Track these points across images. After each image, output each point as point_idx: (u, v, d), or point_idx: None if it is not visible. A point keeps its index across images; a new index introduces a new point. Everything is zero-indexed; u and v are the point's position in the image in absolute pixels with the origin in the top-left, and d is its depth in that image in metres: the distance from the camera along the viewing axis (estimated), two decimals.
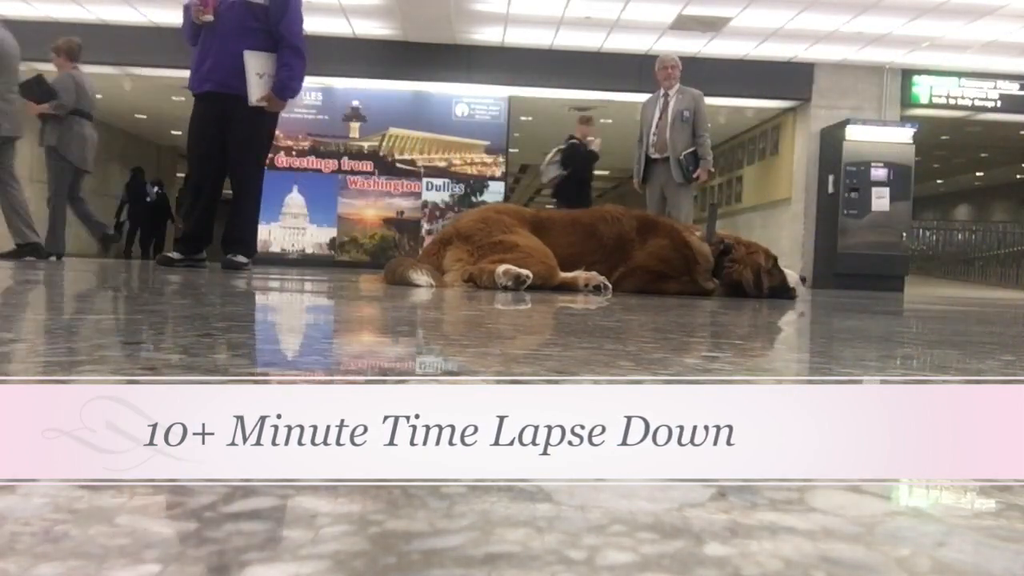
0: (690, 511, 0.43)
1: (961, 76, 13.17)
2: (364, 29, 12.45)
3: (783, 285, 4.43)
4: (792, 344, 1.95)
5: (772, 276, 4.42)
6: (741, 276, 4.31)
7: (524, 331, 1.77)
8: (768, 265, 4.43)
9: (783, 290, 4.42)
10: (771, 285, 4.37)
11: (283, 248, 13.22)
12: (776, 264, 4.50)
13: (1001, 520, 0.44)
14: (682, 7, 11.01)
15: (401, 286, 3.68)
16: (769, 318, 2.75)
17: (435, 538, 0.38)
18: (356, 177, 13.33)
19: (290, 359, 1.15)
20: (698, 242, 4.41)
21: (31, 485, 0.43)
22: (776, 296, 4.36)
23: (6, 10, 12.01)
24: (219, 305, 2.19)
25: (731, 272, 4.33)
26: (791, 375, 1.15)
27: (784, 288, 4.43)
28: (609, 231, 4.33)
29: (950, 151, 19.19)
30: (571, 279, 3.87)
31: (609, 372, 1.01)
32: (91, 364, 0.90)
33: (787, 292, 4.43)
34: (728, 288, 4.34)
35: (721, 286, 4.34)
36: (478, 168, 13.53)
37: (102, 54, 12.57)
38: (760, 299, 4.20)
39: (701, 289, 4.31)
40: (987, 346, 1.75)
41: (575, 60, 12.88)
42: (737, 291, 4.32)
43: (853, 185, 12.03)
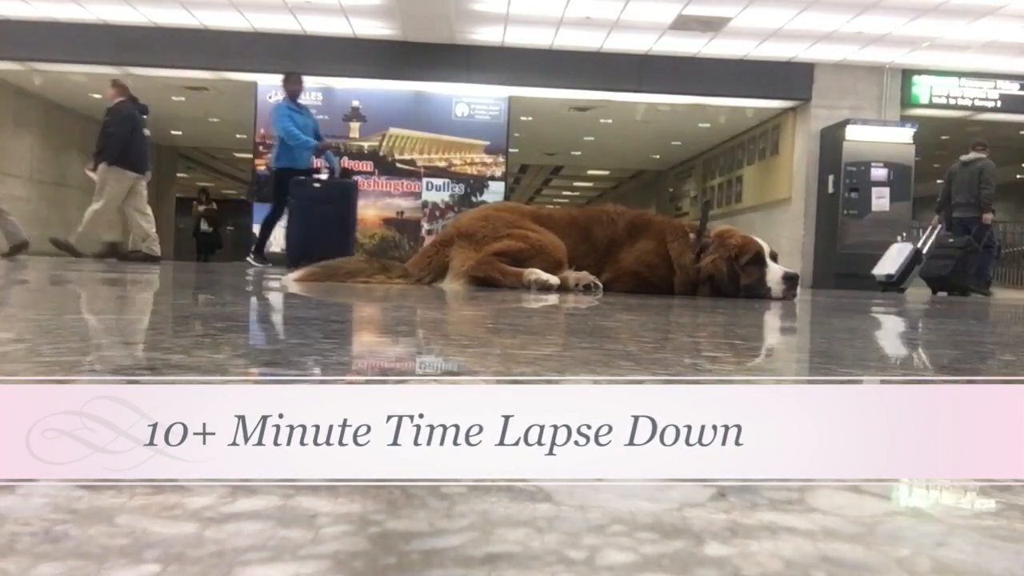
0: (690, 511, 0.43)
1: (961, 76, 13.17)
2: (364, 29, 12.44)
3: (759, 283, 3.98)
4: (792, 344, 1.95)
5: (747, 273, 4.00)
6: (714, 267, 3.98)
7: (524, 331, 1.77)
8: (743, 260, 4.01)
9: (755, 288, 3.97)
10: (746, 283, 3.97)
11: (283, 248, 13.22)
12: (757, 259, 4.03)
13: (1001, 520, 0.44)
14: (682, 7, 11.00)
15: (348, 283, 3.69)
16: (770, 319, 2.75)
17: (435, 538, 0.38)
18: (356, 177, 13.32)
19: (290, 359, 1.15)
20: (679, 251, 4.13)
21: (31, 485, 0.43)
22: (750, 296, 3.94)
23: (6, 10, 11.99)
24: (218, 305, 2.19)
25: (704, 266, 4.01)
26: (792, 375, 1.15)
27: (759, 286, 3.97)
28: (602, 232, 4.30)
29: (950, 151, 19.15)
30: (562, 279, 3.88)
31: (609, 372, 1.01)
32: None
33: (760, 290, 3.96)
34: (703, 285, 4.02)
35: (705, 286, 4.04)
36: (478, 168, 13.53)
37: (102, 54, 12.58)
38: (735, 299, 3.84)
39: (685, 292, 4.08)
40: (987, 346, 1.75)
41: (575, 60, 12.87)
42: (711, 289, 3.99)
43: (853, 185, 12.03)
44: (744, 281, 4.00)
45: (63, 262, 7.29)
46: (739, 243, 4.10)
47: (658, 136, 16.97)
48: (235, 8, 11.73)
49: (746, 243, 4.11)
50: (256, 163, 13.57)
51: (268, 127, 13.28)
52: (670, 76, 13.02)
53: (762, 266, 4.05)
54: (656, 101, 13.87)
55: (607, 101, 13.97)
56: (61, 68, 13.15)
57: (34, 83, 14.17)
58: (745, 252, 4.05)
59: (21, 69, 13.40)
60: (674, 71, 12.98)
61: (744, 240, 4.14)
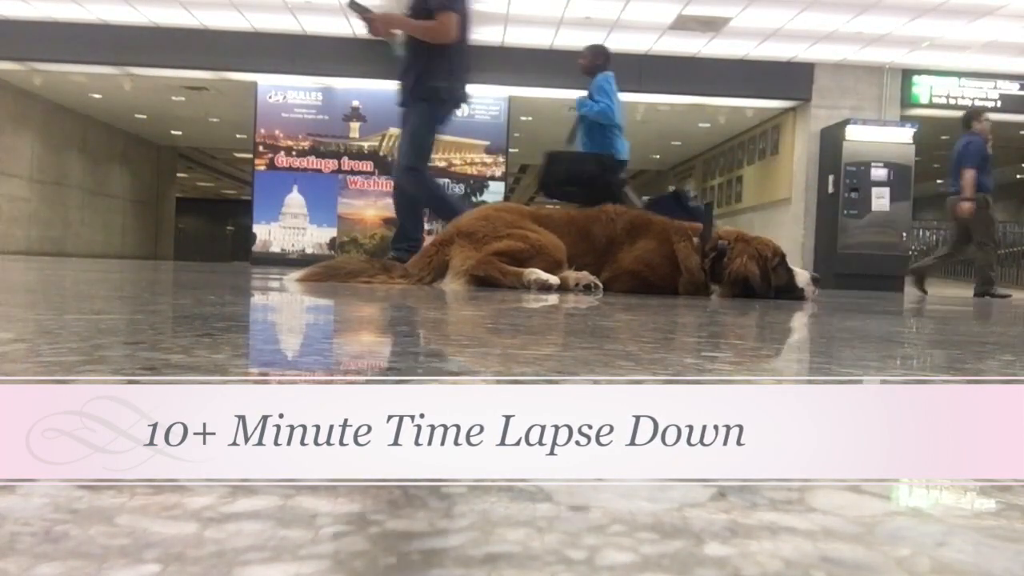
0: (690, 511, 0.43)
1: (961, 76, 13.17)
2: (364, 29, 12.44)
3: (790, 284, 4.14)
4: (792, 344, 1.95)
5: (778, 274, 4.14)
6: (747, 269, 4.04)
7: (524, 331, 1.77)
8: (774, 262, 4.14)
9: (789, 290, 4.12)
10: (776, 284, 4.09)
11: (283, 248, 13.24)
12: (783, 261, 4.20)
13: (1001, 520, 0.44)
14: (682, 7, 11.00)
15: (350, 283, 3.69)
16: (769, 319, 2.75)
17: (435, 538, 0.38)
18: (356, 177, 13.34)
19: (291, 359, 1.15)
20: (686, 251, 4.17)
21: (31, 485, 0.43)
22: (782, 296, 4.08)
23: (6, 10, 11.99)
24: (219, 305, 2.19)
25: (735, 268, 4.06)
26: (792, 375, 1.15)
27: (791, 288, 4.13)
28: (602, 232, 4.31)
29: (950, 151, 19.18)
30: (562, 279, 3.88)
31: (609, 372, 1.01)
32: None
33: (794, 292, 4.12)
34: (733, 287, 4.07)
35: (725, 285, 4.09)
36: (478, 168, 13.54)
37: (102, 54, 12.58)
38: (767, 299, 3.96)
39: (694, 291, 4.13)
40: (987, 346, 1.75)
41: (575, 60, 12.86)
42: (743, 290, 4.05)
43: (853, 185, 12.03)
44: (775, 283, 4.11)
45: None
46: (768, 244, 4.22)
47: (658, 136, 16.97)
48: (235, 8, 11.73)
49: (773, 245, 4.24)
50: (256, 163, 13.56)
51: (268, 127, 13.32)
52: (670, 76, 13.02)
53: (788, 268, 4.21)
54: (656, 101, 13.87)
55: None
56: (61, 68, 13.15)
57: (34, 83, 14.17)
58: (776, 254, 4.19)
59: (21, 69, 13.40)
60: (674, 71, 12.98)
61: (770, 242, 4.26)
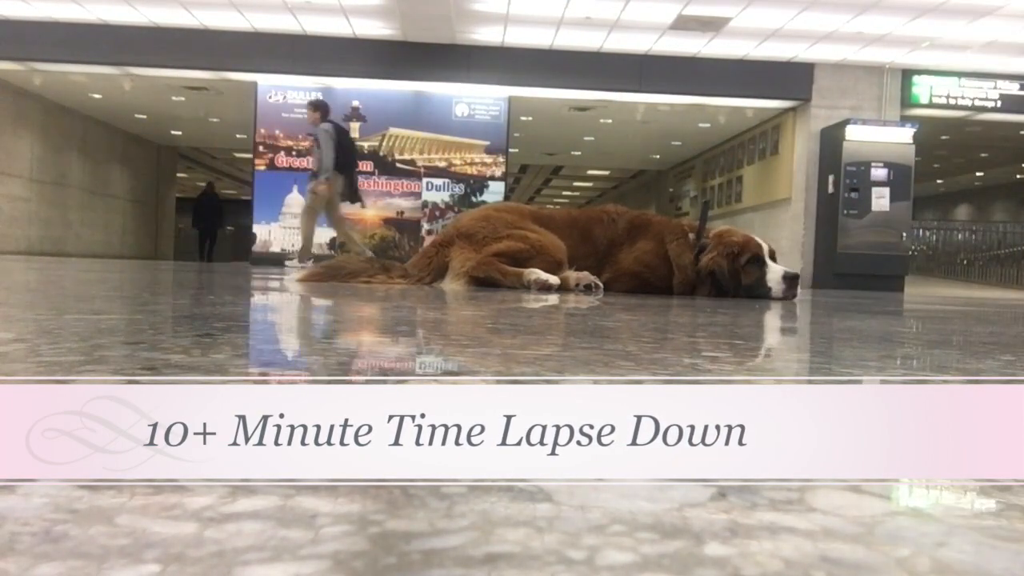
0: (690, 511, 0.43)
1: (961, 76, 13.16)
2: (364, 29, 12.44)
3: (759, 282, 3.99)
4: (792, 344, 1.95)
5: (747, 272, 4.01)
6: (715, 263, 3.98)
7: (524, 331, 1.77)
8: (743, 258, 4.02)
9: (756, 287, 3.98)
10: (747, 282, 3.98)
11: (283, 248, 13.24)
12: (756, 259, 4.04)
13: (1001, 520, 0.44)
14: (682, 7, 11.00)
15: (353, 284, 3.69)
16: (768, 319, 2.75)
17: (435, 538, 0.38)
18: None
19: (291, 359, 1.15)
20: (677, 251, 4.14)
21: (31, 485, 0.43)
22: (750, 296, 3.95)
23: (6, 10, 11.99)
24: (219, 305, 2.18)
25: (704, 263, 4.01)
26: (793, 375, 1.15)
27: (759, 285, 3.98)
28: (603, 232, 4.31)
29: (950, 151, 19.19)
30: (562, 279, 3.88)
31: (609, 372, 1.01)
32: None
33: (760, 290, 3.98)
34: (706, 283, 4.02)
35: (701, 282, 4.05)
36: (478, 168, 13.53)
37: (102, 54, 12.58)
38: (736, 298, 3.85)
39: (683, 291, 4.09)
40: (987, 346, 1.75)
41: (575, 60, 12.87)
42: (716, 287, 3.99)
43: (853, 185, 12.02)
44: (745, 281, 4.01)
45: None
46: (739, 241, 4.11)
47: (658, 136, 16.97)
48: (235, 8, 11.72)
49: (746, 242, 4.12)
50: (256, 163, 13.56)
51: (268, 127, 13.32)
52: (670, 76, 13.02)
53: (762, 266, 4.06)
54: (656, 101, 13.87)
55: (607, 101, 13.97)
56: (61, 68, 13.14)
57: (34, 83, 14.16)
58: (745, 251, 4.06)
59: (21, 69, 13.39)
60: (674, 71, 12.98)
61: (744, 239, 4.14)
